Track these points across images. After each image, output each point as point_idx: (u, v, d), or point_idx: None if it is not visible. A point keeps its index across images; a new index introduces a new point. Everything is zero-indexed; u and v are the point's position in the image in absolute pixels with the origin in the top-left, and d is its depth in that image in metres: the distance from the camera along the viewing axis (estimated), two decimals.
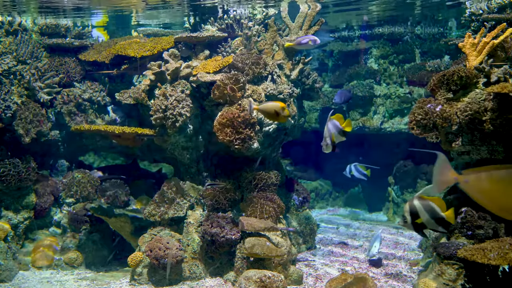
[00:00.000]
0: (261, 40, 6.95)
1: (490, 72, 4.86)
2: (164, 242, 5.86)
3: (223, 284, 5.83)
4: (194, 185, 6.55)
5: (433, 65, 9.05)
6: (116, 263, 6.81)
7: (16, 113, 6.53)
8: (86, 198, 7.08)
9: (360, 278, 5.33)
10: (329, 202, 10.82)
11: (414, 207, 2.87)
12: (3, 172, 6.37)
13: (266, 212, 6.02)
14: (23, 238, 6.81)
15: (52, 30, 7.82)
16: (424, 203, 2.85)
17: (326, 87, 10.58)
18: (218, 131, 5.89)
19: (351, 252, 7.22)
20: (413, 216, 2.93)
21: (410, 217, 2.92)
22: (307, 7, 6.84)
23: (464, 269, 4.63)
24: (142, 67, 6.85)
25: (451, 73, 4.88)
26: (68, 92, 7.26)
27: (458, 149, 4.98)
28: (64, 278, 6.35)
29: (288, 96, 6.38)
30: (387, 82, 10.13)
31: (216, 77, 6.16)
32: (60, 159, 7.58)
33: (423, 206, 2.85)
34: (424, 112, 4.86)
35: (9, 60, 6.86)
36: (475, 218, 4.89)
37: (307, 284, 5.93)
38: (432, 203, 2.85)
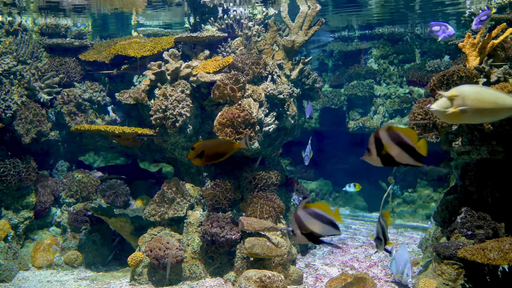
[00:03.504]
0: (261, 40, 6.95)
1: (490, 72, 4.86)
2: (164, 242, 5.86)
3: (223, 284, 5.83)
4: (194, 185, 6.55)
5: (433, 65, 9.05)
6: (116, 263, 6.81)
7: (16, 113, 6.53)
8: (86, 198, 7.09)
9: (360, 278, 5.33)
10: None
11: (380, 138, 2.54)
12: (3, 172, 6.37)
13: (266, 212, 6.02)
14: (23, 238, 6.81)
15: (52, 30, 7.82)
16: (391, 133, 2.54)
17: (326, 87, 10.59)
18: (218, 131, 5.89)
19: (351, 252, 7.22)
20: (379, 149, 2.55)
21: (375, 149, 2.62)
22: (307, 7, 6.84)
23: (464, 269, 4.63)
24: (142, 67, 6.85)
25: (451, 73, 4.88)
26: (68, 92, 7.27)
27: (458, 149, 4.98)
28: (64, 278, 6.35)
29: (288, 96, 6.38)
30: (387, 82, 10.13)
31: (216, 77, 6.16)
32: (60, 159, 7.58)
33: (390, 136, 2.56)
34: (424, 112, 4.86)
35: (9, 60, 6.86)
36: (475, 218, 4.89)
37: (307, 284, 5.93)
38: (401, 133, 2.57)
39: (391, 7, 9.48)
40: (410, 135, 2.53)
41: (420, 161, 2.56)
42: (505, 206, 4.90)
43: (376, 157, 2.56)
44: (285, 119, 6.60)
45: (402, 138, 2.52)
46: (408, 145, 2.52)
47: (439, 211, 5.43)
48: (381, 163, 2.59)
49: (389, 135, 2.52)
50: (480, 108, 2.53)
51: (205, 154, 3.44)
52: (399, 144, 2.53)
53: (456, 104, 2.52)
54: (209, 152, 3.46)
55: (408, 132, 2.53)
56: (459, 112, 2.51)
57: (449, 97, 2.52)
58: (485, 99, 2.54)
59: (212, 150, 3.49)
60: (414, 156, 2.55)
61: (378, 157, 2.56)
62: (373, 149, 2.55)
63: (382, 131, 2.54)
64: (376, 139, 2.54)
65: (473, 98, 2.52)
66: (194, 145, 3.42)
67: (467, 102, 2.51)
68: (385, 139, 2.53)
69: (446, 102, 2.55)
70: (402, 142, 2.52)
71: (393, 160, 2.56)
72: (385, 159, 2.57)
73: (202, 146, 3.43)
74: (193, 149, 3.40)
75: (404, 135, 2.52)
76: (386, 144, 2.53)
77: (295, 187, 7.52)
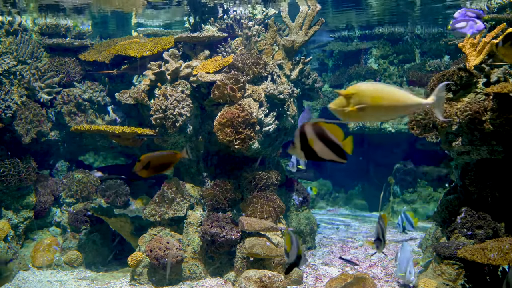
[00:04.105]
0: (261, 40, 6.95)
1: (490, 72, 4.86)
2: (164, 242, 5.86)
3: (223, 284, 5.83)
4: (194, 185, 6.55)
5: (433, 65, 9.06)
6: (116, 263, 6.81)
7: (16, 113, 6.53)
8: (86, 198, 7.09)
9: (360, 278, 5.33)
10: (329, 202, 10.83)
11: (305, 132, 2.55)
12: (3, 172, 6.37)
13: (266, 212, 6.02)
14: (23, 238, 6.81)
15: (52, 30, 7.82)
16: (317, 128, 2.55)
17: (326, 87, 10.59)
18: (218, 131, 5.89)
19: (351, 252, 7.22)
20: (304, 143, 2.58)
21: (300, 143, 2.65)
22: (307, 7, 6.84)
23: (464, 269, 4.64)
24: (142, 67, 6.85)
25: (451, 73, 4.88)
26: (68, 92, 7.27)
27: (458, 149, 4.98)
28: (64, 278, 6.35)
29: (288, 96, 6.38)
30: (387, 82, 10.13)
31: (216, 77, 6.16)
32: (60, 159, 7.58)
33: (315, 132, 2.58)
34: (424, 112, 4.86)
35: (9, 60, 6.86)
36: (475, 218, 4.89)
37: (307, 284, 5.93)
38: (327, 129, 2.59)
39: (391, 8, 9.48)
40: (335, 132, 2.56)
41: (344, 158, 2.58)
42: (505, 206, 4.90)
43: (300, 151, 2.60)
44: (285, 119, 6.60)
45: (327, 135, 2.55)
46: (332, 141, 2.55)
47: (439, 211, 5.43)
48: (304, 157, 2.63)
49: (314, 130, 2.56)
50: (378, 105, 2.50)
51: (151, 165, 3.59)
52: (323, 140, 2.56)
53: (353, 102, 2.49)
54: (154, 163, 3.61)
55: (333, 129, 2.56)
56: (356, 110, 2.48)
57: (346, 95, 2.49)
58: (383, 97, 2.51)
59: (158, 162, 3.63)
60: (338, 153, 2.58)
61: (302, 151, 2.60)
62: (298, 142, 2.59)
63: (308, 126, 2.57)
64: (301, 133, 2.58)
65: (370, 96, 2.49)
66: (141, 157, 3.56)
67: (365, 99, 2.47)
68: (310, 134, 2.57)
69: (344, 101, 2.51)
70: (326, 138, 2.56)
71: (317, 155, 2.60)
72: (309, 153, 2.60)
73: (148, 158, 3.58)
74: (139, 161, 3.55)
75: (329, 132, 2.56)
76: (310, 139, 2.57)
77: (295, 187, 7.52)
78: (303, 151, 2.60)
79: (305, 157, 2.63)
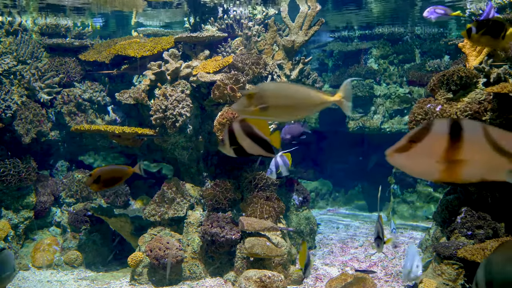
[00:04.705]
0: (261, 40, 6.95)
1: (490, 72, 4.86)
2: (164, 242, 5.86)
3: (223, 284, 5.83)
4: (194, 185, 6.55)
5: (433, 65, 9.05)
6: (116, 263, 6.81)
7: (16, 113, 6.53)
8: (86, 198, 7.09)
9: (360, 278, 5.33)
10: (329, 202, 10.82)
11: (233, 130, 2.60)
12: (3, 172, 6.37)
13: (266, 212, 6.02)
14: (23, 238, 6.81)
15: (52, 30, 7.82)
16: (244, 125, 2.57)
17: (326, 87, 10.58)
18: (218, 131, 5.89)
19: (351, 252, 7.22)
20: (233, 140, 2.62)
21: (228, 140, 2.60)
22: (307, 7, 6.84)
23: (464, 269, 4.64)
24: (142, 67, 6.85)
25: (451, 73, 4.88)
26: (68, 92, 7.27)
27: None
28: (64, 278, 6.35)
29: None
30: (387, 82, 10.13)
31: (216, 77, 6.16)
32: (60, 159, 7.58)
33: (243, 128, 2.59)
34: (424, 112, 4.86)
35: (9, 60, 6.86)
36: (475, 218, 4.89)
37: (307, 284, 5.93)
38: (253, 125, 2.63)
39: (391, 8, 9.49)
40: (262, 128, 2.61)
41: (272, 152, 2.62)
42: (505, 206, 4.90)
43: (229, 148, 2.65)
44: None
45: (254, 131, 2.60)
46: (259, 137, 2.60)
47: (439, 211, 5.43)
48: (234, 154, 2.67)
49: (241, 127, 2.60)
50: (281, 105, 2.50)
51: (102, 179, 3.67)
52: (251, 136, 2.60)
53: (256, 102, 2.47)
54: (105, 177, 3.69)
55: (261, 125, 2.61)
56: (259, 110, 2.47)
57: (248, 96, 2.48)
58: (286, 96, 2.50)
59: (109, 175, 3.71)
60: (266, 147, 2.62)
61: (231, 148, 2.64)
62: (227, 140, 2.63)
63: (236, 123, 2.62)
64: (229, 131, 2.62)
65: (273, 96, 2.48)
66: (92, 172, 3.67)
67: (267, 100, 2.47)
68: (238, 131, 2.61)
69: (247, 101, 2.49)
70: (253, 134, 2.60)
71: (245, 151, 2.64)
72: (238, 150, 2.65)
73: (99, 172, 3.67)
74: (90, 176, 3.64)
75: (256, 128, 2.60)
76: (238, 136, 2.61)
77: (295, 187, 7.52)
78: (232, 148, 2.63)
79: (234, 154, 2.67)
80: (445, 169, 1.75)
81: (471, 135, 1.72)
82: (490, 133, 1.73)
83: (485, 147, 1.73)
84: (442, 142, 1.72)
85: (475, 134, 1.72)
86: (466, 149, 1.72)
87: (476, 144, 1.72)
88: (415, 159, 1.75)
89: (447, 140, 1.72)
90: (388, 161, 1.78)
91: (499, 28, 3.54)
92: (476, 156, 1.73)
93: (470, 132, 1.72)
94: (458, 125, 1.73)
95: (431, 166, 1.75)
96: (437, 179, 1.81)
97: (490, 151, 1.73)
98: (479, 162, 1.74)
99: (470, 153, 1.72)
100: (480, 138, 1.73)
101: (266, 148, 2.63)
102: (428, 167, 1.76)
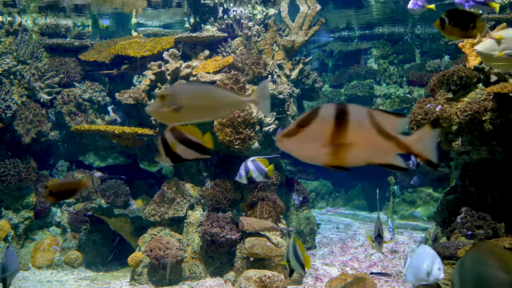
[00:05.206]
0: (261, 40, 6.95)
1: (490, 72, 4.86)
2: (164, 242, 5.86)
3: (223, 284, 5.83)
4: (194, 185, 6.55)
5: (433, 65, 9.06)
6: (116, 263, 6.81)
7: (16, 113, 6.53)
8: (86, 198, 7.09)
9: (360, 278, 5.33)
10: (329, 202, 10.83)
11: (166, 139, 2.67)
12: (3, 172, 6.37)
13: (266, 212, 6.02)
14: (23, 238, 6.81)
15: (52, 30, 7.83)
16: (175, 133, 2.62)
17: (326, 87, 10.59)
18: (218, 131, 5.89)
19: (351, 252, 7.22)
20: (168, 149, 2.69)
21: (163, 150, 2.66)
22: (307, 7, 6.84)
23: None
24: (142, 67, 6.85)
25: (451, 73, 4.88)
26: (68, 92, 7.27)
27: (458, 149, 4.98)
28: (64, 278, 6.35)
29: (288, 96, 6.38)
30: (387, 82, 10.13)
31: (216, 77, 6.16)
32: (60, 159, 7.58)
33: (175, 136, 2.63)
34: (424, 112, 4.86)
35: (9, 60, 6.86)
36: (475, 218, 4.89)
37: (307, 284, 5.93)
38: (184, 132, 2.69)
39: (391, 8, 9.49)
40: (193, 132, 2.66)
41: (207, 153, 2.68)
42: (505, 206, 4.90)
43: (165, 157, 2.69)
44: (285, 119, 6.60)
45: (186, 136, 2.66)
46: (192, 141, 2.66)
47: (439, 211, 5.43)
48: (171, 162, 2.72)
49: (173, 135, 2.66)
50: (194, 105, 2.52)
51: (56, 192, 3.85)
52: (183, 142, 2.66)
53: (169, 103, 2.48)
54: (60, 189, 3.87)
55: (191, 129, 2.67)
56: (172, 111, 2.48)
57: (161, 97, 2.49)
58: (199, 96, 2.53)
59: (63, 188, 3.90)
60: (200, 150, 2.68)
61: (167, 156, 2.69)
62: (161, 149, 2.68)
63: (167, 132, 2.67)
64: (162, 141, 2.67)
65: (185, 96, 2.50)
66: (47, 184, 3.85)
67: (179, 100, 2.48)
68: (170, 139, 2.66)
69: (159, 102, 2.51)
70: (186, 139, 2.66)
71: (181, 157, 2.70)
72: (174, 158, 2.70)
73: (53, 185, 3.87)
74: (46, 188, 3.80)
75: (187, 133, 2.66)
76: (172, 144, 2.65)
77: (295, 187, 7.52)
78: (168, 156, 2.68)
79: (171, 162, 2.72)
80: (331, 153, 1.77)
81: (356, 119, 1.74)
82: (376, 117, 1.75)
83: (370, 131, 1.75)
84: (328, 127, 1.73)
85: (360, 118, 1.75)
86: (351, 133, 1.74)
87: (362, 128, 1.74)
88: (302, 143, 1.76)
89: (333, 125, 1.73)
90: (278, 146, 1.80)
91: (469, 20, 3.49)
92: (362, 140, 1.75)
93: (356, 117, 1.74)
94: (344, 109, 1.74)
95: (318, 150, 1.76)
96: (324, 163, 1.82)
97: (376, 135, 1.75)
98: (365, 146, 1.77)
99: (355, 137, 1.74)
100: (366, 123, 1.75)
101: (200, 151, 2.69)
102: (315, 151, 1.77)
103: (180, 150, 2.67)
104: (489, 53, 3.62)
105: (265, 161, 4.62)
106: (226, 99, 2.53)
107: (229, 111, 2.53)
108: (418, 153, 1.79)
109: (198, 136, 2.67)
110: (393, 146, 1.78)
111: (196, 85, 2.88)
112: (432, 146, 1.80)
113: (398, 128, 1.76)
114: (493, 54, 3.59)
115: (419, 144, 1.78)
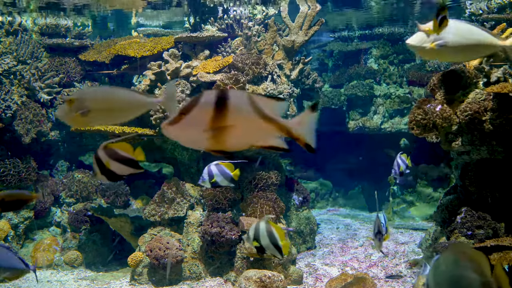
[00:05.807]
0: (261, 40, 6.95)
1: (490, 72, 4.86)
2: (164, 242, 5.86)
3: (223, 284, 5.84)
4: (194, 185, 6.55)
5: (433, 65, 9.05)
6: (116, 263, 6.81)
7: (16, 113, 6.53)
8: (86, 198, 7.09)
9: (360, 278, 5.33)
10: (329, 202, 10.82)
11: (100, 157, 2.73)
12: (3, 172, 6.37)
13: (266, 212, 6.02)
14: (23, 238, 6.81)
15: (52, 30, 7.83)
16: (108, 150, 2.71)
17: (326, 87, 10.58)
18: None
19: (351, 252, 7.22)
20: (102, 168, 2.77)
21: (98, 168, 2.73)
22: (307, 7, 6.84)
23: None
24: (142, 67, 6.85)
25: (451, 73, 4.88)
26: (68, 92, 7.27)
27: (458, 149, 4.98)
28: (64, 278, 6.35)
29: (288, 96, 6.38)
30: (387, 82, 10.13)
31: (216, 77, 6.16)
32: (60, 159, 7.59)
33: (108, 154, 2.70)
34: (424, 112, 4.86)
35: (9, 60, 6.86)
36: (475, 218, 4.89)
37: (307, 284, 5.93)
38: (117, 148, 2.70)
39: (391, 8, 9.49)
40: (125, 149, 2.72)
41: (140, 168, 2.74)
42: (505, 206, 4.90)
43: (101, 175, 2.74)
44: None
45: (119, 153, 2.71)
46: (125, 157, 2.72)
47: (439, 211, 5.43)
48: (107, 180, 2.77)
49: (106, 153, 2.71)
50: (101, 108, 2.51)
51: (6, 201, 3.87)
52: (117, 159, 2.72)
53: (76, 107, 2.47)
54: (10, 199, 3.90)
55: (123, 146, 2.72)
56: (81, 115, 2.47)
57: (69, 101, 2.47)
58: (105, 99, 2.52)
59: (14, 198, 3.93)
60: (133, 165, 2.74)
61: (103, 174, 2.74)
62: (97, 168, 2.74)
63: (100, 150, 2.72)
64: (97, 160, 2.72)
65: (93, 100, 2.49)
66: None
67: (86, 104, 2.47)
68: (104, 158, 2.71)
69: (67, 107, 2.49)
70: (119, 156, 2.72)
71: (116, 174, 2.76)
72: (110, 175, 2.75)
73: (3, 194, 3.91)
74: None
75: (120, 150, 2.72)
76: (106, 162, 2.71)
77: (295, 187, 7.52)
78: (104, 174, 2.74)
79: (107, 180, 2.77)
80: (212, 137, 1.82)
81: (236, 104, 1.78)
82: (256, 102, 1.80)
83: (251, 115, 1.79)
84: (208, 112, 1.78)
85: (241, 103, 1.79)
86: (231, 118, 1.78)
87: (242, 112, 1.79)
88: (185, 129, 1.82)
89: (213, 110, 1.78)
90: (163, 133, 1.85)
91: None
92: (242, 124, 1.80)
93: (236, 102, 1.78)
94: (224, 95, 1.79)
95: (199, 135, 1.82)
96: (206, 147, 1.87)
97: (257, 119, 1.80)
98: (246, 130, 1.82)
99: (235, 121, 1.79)
100: (246, 107, 1.79)
101: (133, 166, 2.75)
102: (196, 136, 1.83)
103: (114, 167, 2.72)
104: (421, 46, 3.61)
105: (230, 165, 4.56)
106: (134, 100, 2.52)
107: (139, 113, 2.53)
108: (297, 136, 1.83)
109: (130, 151, 2.72)
110: (273, 128, 1.82)
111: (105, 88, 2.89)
112: (311, 130, 1.86)
113: (277, 111, 1.81)
114: (425, 46, 3.57)
115: (299, 128, 1.83)
